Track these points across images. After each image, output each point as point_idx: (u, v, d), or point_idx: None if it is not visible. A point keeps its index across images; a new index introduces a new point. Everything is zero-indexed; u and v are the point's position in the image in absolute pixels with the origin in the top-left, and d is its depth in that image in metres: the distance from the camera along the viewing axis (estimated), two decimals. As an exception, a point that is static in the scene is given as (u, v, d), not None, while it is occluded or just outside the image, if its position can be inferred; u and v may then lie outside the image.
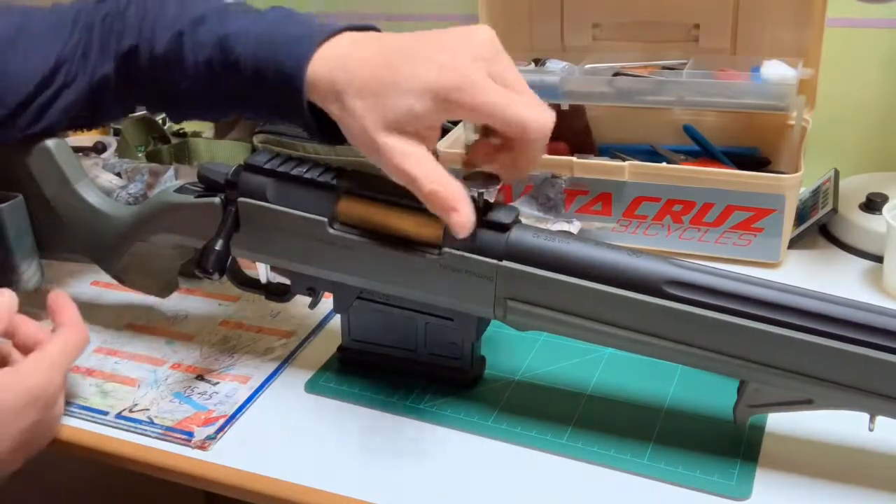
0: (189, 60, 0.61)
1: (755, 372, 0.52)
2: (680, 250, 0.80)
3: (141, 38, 0.63)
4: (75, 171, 0.70)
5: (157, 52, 0.62)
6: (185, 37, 0.61)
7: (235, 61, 0.59)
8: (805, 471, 0.55)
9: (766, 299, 0.51)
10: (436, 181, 0.52)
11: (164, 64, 0.62)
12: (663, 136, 0.94)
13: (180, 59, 0.61)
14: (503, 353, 0.67)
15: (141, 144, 1.01)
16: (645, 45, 0.94)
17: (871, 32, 0.92)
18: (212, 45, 0.60)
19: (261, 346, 0.70)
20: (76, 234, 0.70)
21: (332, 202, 0.59)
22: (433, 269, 0.57)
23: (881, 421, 0.52)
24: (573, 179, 0.82)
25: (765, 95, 0.82)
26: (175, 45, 0.61)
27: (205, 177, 0.63)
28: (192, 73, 0.61)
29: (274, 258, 0.63)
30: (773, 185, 0.76)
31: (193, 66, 0.61)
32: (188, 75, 0.61)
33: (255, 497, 0.57)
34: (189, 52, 0.61)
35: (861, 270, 0.79)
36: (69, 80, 0.66)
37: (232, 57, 0.59)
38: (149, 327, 0.74)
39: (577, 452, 0.57)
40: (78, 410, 0.63)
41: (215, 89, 0.62)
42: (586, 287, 0.54)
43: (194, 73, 0.61)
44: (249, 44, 0.59)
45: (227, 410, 0.63)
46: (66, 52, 0.65)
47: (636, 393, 0.62)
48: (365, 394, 0.63)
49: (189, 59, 0.61)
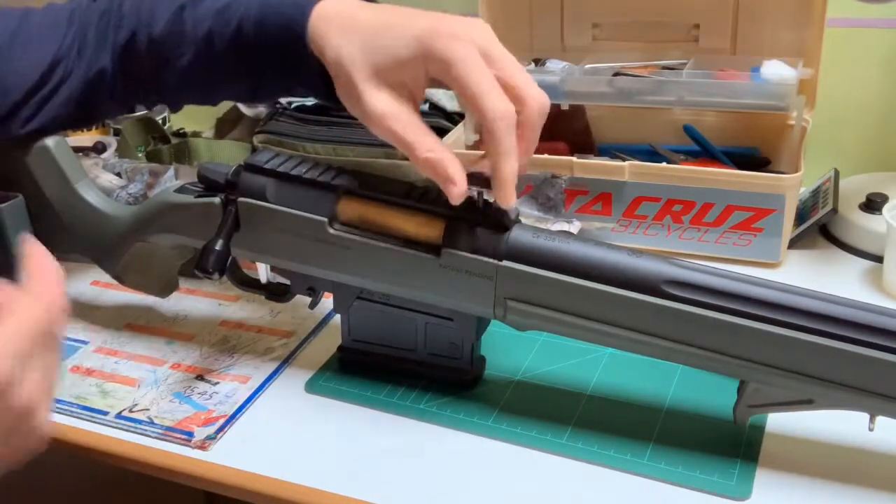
0: (189, 36, 0.62)
1: (755, 372, 0.52)
2: (680, 250, 0.80)
3: (139, 23, 0.64)
4: (75, 171, 0.70)
5: (156, 33, 0.63)
6: (186, 12, 0.62)
7: (237, 27, 0.60)
8: (805, 471, 0.55)
9: (766, 299, 0.51)
10: (430, 149, 0.53)
11: (164, 44, 0.63)
12: (663, 136, 0.94)
13: (181, 34, 0.62)
14: (503, 353, 0.67)
15: (141, 144, 1.01)
16: (645, 45, 0.94)
17: (871, 32, 0.92)
18: (212, 15, 0.61)
19: (261, 346, 0.70)
20: (76, 234, 0.70)
21: (332, 202, 0.59)
22: (433, 269, 0.57)
23: (881, 421, 0.52)
24: (573, 179, 0.82)
25: (765, 95, 0.82)
26: (175, 22, 0.62)
27: (205, 177, 0.63)
28: (194, 49, 0.62)
29: (274, 258, 0.63)
30: (773, 185, 0.76)
31: (194, 41, 0.62)
32: (189, 51, 0.62)
33: (255, 497, 0.57)
34: (189, 26, 0.62)
35: (861, 270, 0.79)
36: (65, 77, 0.66)
37: (233, 24, 0.60)
38: (148, 327, 0.74)
39: (577, 452, 0.57)
40: (78, 410, 0.63)
41: (217, 62, 0.62)
42: (586, 287, 0.54)
43: (195, 49, 0.62)
44: (251, 7, 0.59)
45: (227, 410, 0.63)
46: (61, 51, 0.66)
47: (636, 393, 0.62)
48: (365, 394, 0.63)
49: (189, 35, 0.62)
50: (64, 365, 0.69)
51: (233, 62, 0.62)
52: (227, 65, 0.62)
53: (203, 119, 1.08)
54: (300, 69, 0.59)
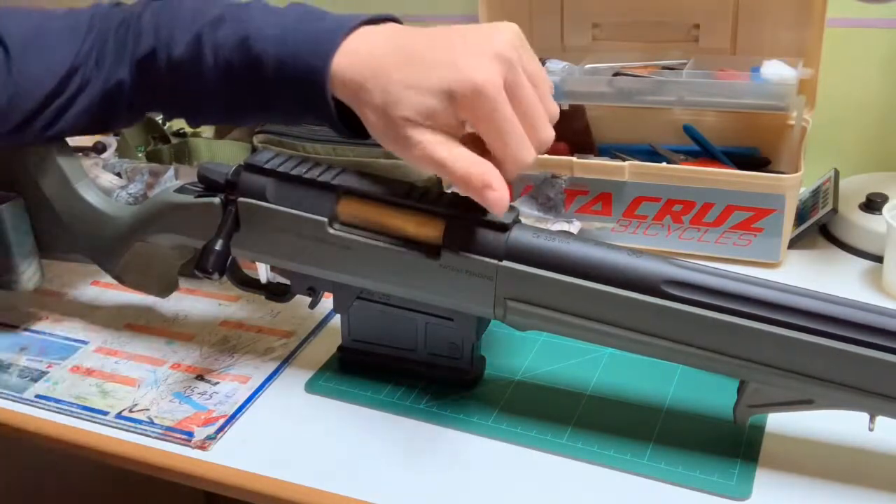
0: (209, 62, 0.60)
1: (755, 372, 0.52)
2: (680, 250, 0.80)
3: (158, 42, 0.62)
4: (75, 171, 0.70)
5: (176, 55, 0.61)
6: (205, 38, 0.60)
7: (257, 60, 0.58)
8: (805, 471, 0.55)
9: (766, 299, 0.51)
10: (465, 162, 0.52)
11: (183, 67, 0.61)
12: (663, 136, 0.94)
13: (200, 61, 0.60)
14: (503, 353, 0.67)
15: (141, 144, 1.01)
16: (645, 45, 0.94)
17: (871, 32, 0.92)
18: (231, 45, 0.59)
19: (261, 346, 0.70)
20: (76, 234, 0.70)
21: (332, 202, 0.59)
22: (433, 269, 0.57)
23: (881, 421, 0.52)
24: (573, 179, 0.82)
25: (765, 95, 0.82)
26: (194, 47, 0.61)
27: (205, 177, 0.63)
28: (213, 76, 0.60)
29: (274, 258, 0.63)
30: (773, 185, 0.76)
31: (213, 68, 0.60)
32: (208, 77, 0.61)
33: (255, 497, 0.57)
34: (209, 53, 0.60)
35: (861, 270, 0.79)
36: (83, 85, 0.65)
37: (253, 56, 0.58)
38: (148, 327, 0.74)
39: (577, 452, 0.57)
40: (78, 410, 0.63)
41: (236, 91, 0.61)
42: (586, 287, 0.54)
43: (214, 76, 0.60)
44: (270, 42, 0.58)
45: (227, 410, 0.63)
46: (80, 58, 0.65)
47: (636, 393, 0.62)
48: (365, 394, 0.63)
49: (209, 61, 0.60)
50: (64, 365, 0.69)
51: (254, 95, 0.61)
52: (248, 96, 0.61)
53: (203, 119, 1.08)
54: (324, 111, 0.57)
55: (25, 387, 0.66)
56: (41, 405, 0.64)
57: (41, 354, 0.70)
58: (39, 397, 0.65)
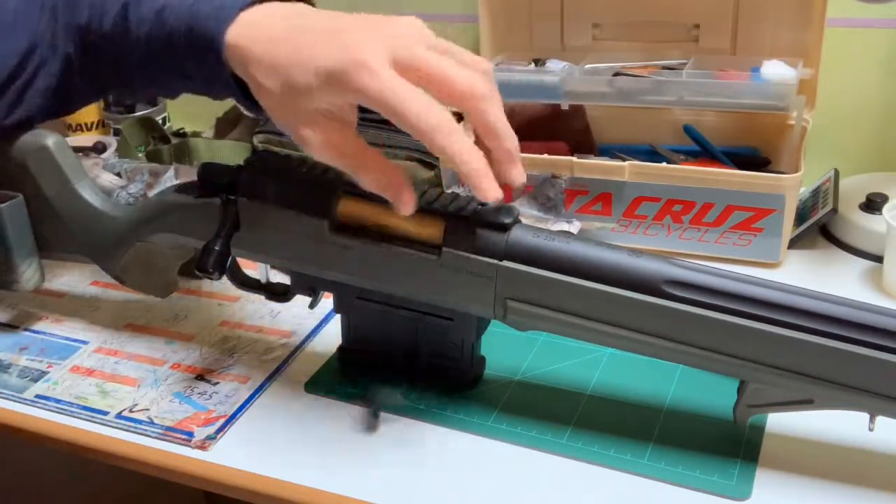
0: (133, 35, 0.61)
1: (755, 372, 0.52)
2: (680, 250, 0.80)
3: (92, 14, 0.64)
4: (75, 171, 0.70)
5: (105, 28, 0.63)
6: (130, 10, 0.61)
7: (169, 33, 0.59)
8: (805, 471, 0.55)
9: (766, 299, 0.51)
10: (373, 168, 0.52)
11: (112, 39, 0.63)
12: (663, 136, 0.94)
13: (126, 33, 0.62)
14: (503, 353, 0.67)
15: (141, 144, 1.01)
16: (645, 45, 0.94)
17: (871, 32, 0.92)
18: (151, 18, 0.60)
19: (261, 346, 0.70)
20: (76, 234, 0.70)
21: (333, 202, 0.59)
22: (433, 269, 0.57)
23: (881, 421, 0.52)
24: (573, 179, 0.82)
25: (765, 95, 0.82)
26: (121, 19, 0.62)
27: (205, 177, 0.63)
28: (137, 48, 0.61)
29: (274, 258, 0.63)
30: (773, 185, 0.76)
31: (136, 40, 0.61)
32: (133, 50, 0.62)
33: (255, 497, 0.57)
34: (133, 26, 0.61)
35: (861, 270, 0.79)
36: (42, 62, 0.66)
37: (168, 28, 0.59)
38: (148, 327, 0.74)
39: (577, 452, 0.57)
40: (78, 410, 0.63)
41: (159, 63, 0.62)
42: (586, 287, 0.54)
43: (138, 48, 0.61)
44: (182, 15, 0.58)
45: (227, 410, 0.63)
46: (37, 36, 0.65)
47: (636, 393, 0.62)
48: (365, 394, 0.63)
49: (133, 34, 0.61)
50: (64, 365, 0.69)
51: (173, 68, 0.61)
52: (168, 69, 0.61)
53: (203, 119, 1.08)
54: (228, 85, 0.58)
55: (25, 387, 0.66)
56: (41, 405, 0.64)
57: (41, 354, 0.70)
58: (39, 397, 0.65)
